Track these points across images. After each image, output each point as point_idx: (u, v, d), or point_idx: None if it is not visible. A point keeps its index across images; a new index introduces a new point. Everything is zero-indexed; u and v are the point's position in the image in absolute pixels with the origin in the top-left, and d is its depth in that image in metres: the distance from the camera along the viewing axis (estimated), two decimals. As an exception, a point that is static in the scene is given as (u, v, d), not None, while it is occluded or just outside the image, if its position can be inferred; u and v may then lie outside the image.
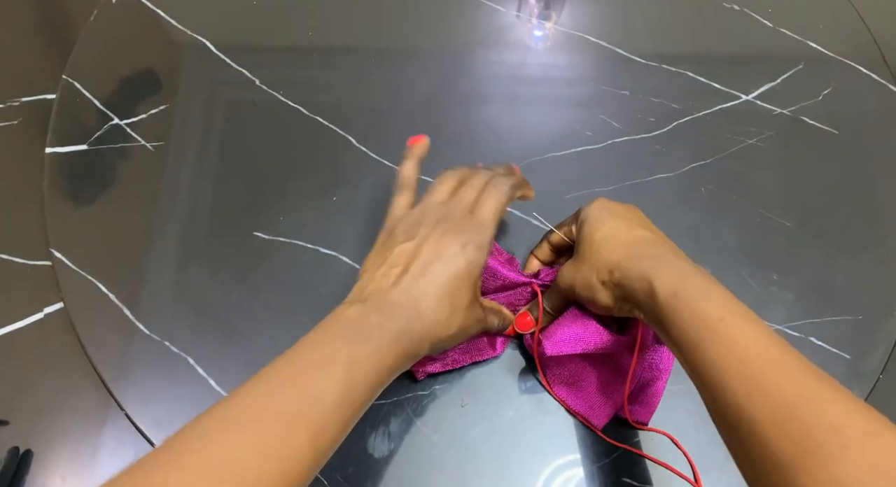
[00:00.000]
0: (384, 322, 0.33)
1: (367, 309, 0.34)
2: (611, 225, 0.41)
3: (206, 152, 0.55)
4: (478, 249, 0.37)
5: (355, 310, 0.34)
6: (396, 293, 0.35)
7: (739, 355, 0.31)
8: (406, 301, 0.34)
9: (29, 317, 0.49)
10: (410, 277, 0.35)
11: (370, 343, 0.32)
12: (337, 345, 0.33)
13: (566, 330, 0.43)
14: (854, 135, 0.57)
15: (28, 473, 0.44)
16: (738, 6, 0.63)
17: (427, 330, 0.35)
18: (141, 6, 0.61)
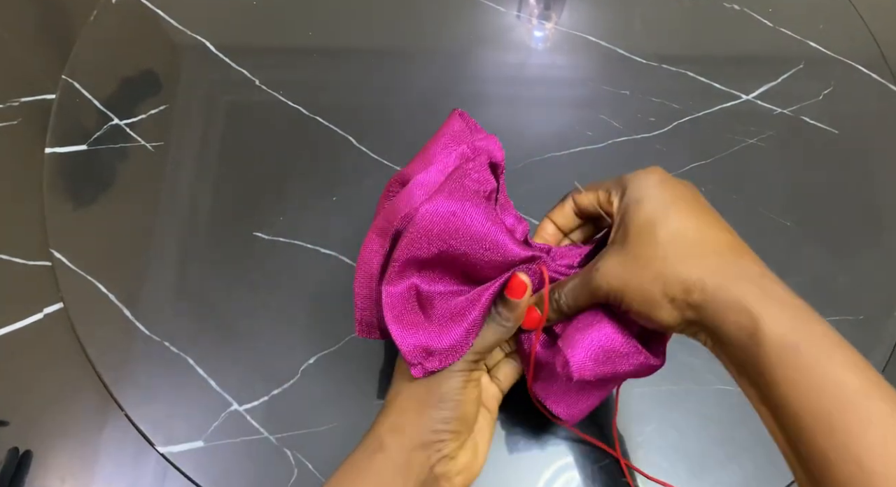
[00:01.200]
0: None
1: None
2: (681, 217, 0.32)
3: (206, 152, 0.55)
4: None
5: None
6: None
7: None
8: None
9: (28, 318, 0.49)
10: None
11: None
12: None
13: (595, 343, 0.34)
14: (854, 135, 0.57)
15: (27, 473, 0.44)
16: (738, 6, 0.63)
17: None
18: (141, 6, 0.61)
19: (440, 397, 0.34)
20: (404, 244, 0.33)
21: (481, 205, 0.34)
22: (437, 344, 0.34)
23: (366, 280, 0.36)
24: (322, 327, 0.48)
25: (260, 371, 0.47)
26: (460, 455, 0.35)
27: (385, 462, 0.33)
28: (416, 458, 0.33)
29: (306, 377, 0.47)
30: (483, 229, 0.33)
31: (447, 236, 0.33)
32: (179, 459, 0.44)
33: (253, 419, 0.46)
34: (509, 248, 0.34)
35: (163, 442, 0.45)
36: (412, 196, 0.35)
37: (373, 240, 0.36)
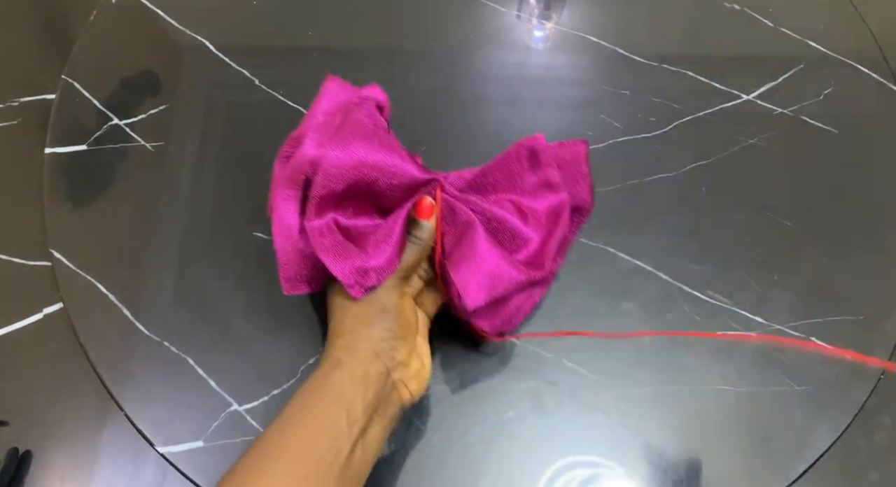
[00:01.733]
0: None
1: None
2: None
3: (206, 152, 0.55)
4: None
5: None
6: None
7: None
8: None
9: (28, 318, 0.49)
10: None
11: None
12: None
13: (482, 270, 0.39)
14: (855, 135, 0.57)
15: (27, 474, 0.44)
16: (738, 6, 0.63)
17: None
18: (141, 6, 0.61)
19: (381, 309, 0.38)
20: (319, 182, 0.37)
21: (381, 136, 0.38)
22: (369, 263, 0.37)
23: (285, 232, 0.39)
24: (322, 327, 0.48)
25: (260, 371, 0.47)
26: (411, 363, 0.39)
27: (343, 376, 0.36)
28: (372, 367, 0.36)
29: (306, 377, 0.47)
30: (388, 156, 0.38)
31: (358, 167, 0.37)
32: (179, 459, 0.44)
33: (253, 419, 0.46)
34: (412, 171, 0.39)
35: (163, 442, 0.45)
36: (309, 143, 0.38)
37: (284, 194, 0.39)
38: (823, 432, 0.46)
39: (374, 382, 0.36)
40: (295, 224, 0.39)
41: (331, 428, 0.34)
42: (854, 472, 0.46)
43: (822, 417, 0.47)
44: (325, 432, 0.34)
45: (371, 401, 0.35)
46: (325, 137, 0.38)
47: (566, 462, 0.45)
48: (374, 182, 0.38)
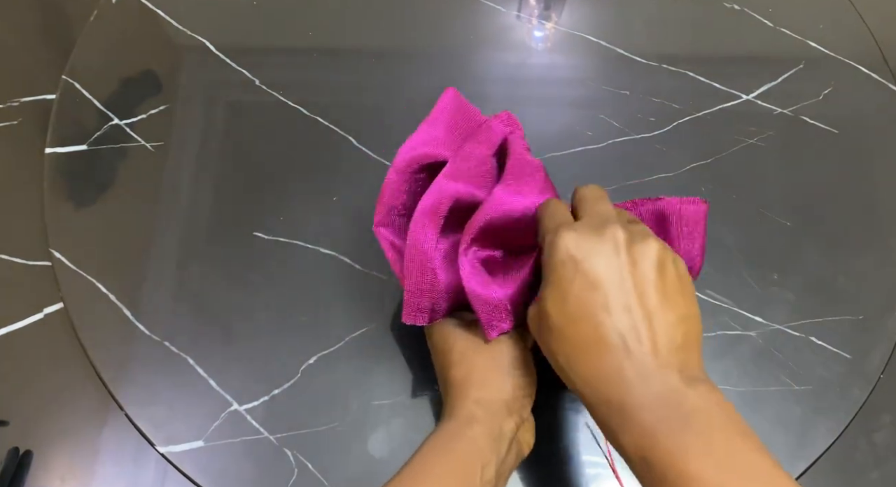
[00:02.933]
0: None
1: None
2: (570, 303, 0.28)
3: (205, 152, 0.55)
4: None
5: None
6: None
7: None
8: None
9: (28, 318, 0.49)
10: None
11: None
12: None
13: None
14: (854, 135, 0.57)
15: (28, 474, 0.44)
16: (738, 6, 0.63)
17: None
18: (141, 6, 0.61)
19: (512, 361, 0.35)
20: (481, 217, 0.35)
21: (542, 182, 0.38)
22: (508, 305, 0.36)
23: (420, 259, 0.36)
24: (322, 327, 0.48)
25: (260, 371, 0.47)
26: (527, 421, 0.38)
27: (482, 433, 0.33)
28: (507, 425, 0.34)
29: (306, 377, 0.47)
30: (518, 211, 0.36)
31: (513, 219, 0.36)
32: (179, 459, 0.44)
33: (253, 419, 0.46)
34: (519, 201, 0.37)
35: (163, 442, 0.45)
36: (448, 173, 0.37)
37: (423, 222, 0.36)
38: (823, 432, 0.46)
39: (507, 439, 0.34)
40: (432, 252, 0.36)
41: (466, 484, 0.32)
42: (854, 472, 0.46)
43: (822, 417, 0.47)
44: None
45: (503, 459, 0.34)
46: (461, 166, 0.38)
47: (567, 463, 0.45)
48: (516, 227, 0.37)
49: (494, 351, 0.36)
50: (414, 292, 0.37)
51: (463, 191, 0.37)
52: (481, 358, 0.36)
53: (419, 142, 0.38)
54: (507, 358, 0.36)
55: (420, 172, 0.39)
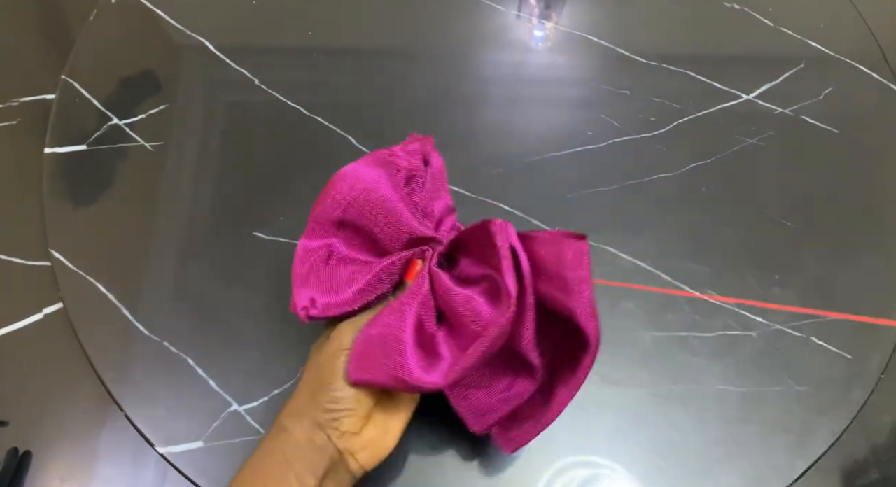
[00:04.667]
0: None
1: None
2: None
3: (205, 152, 0.55)
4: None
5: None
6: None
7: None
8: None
9: (28, 318, 0.49)
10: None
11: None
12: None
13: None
14: (855, 135, 0.57)
15: (27, 474, 0.44)
16: (738, 5, 0.63)
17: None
18: (141, 6, 0.61)
19: (329, 377, 0.36)
20: (318, 202, 0.37)
21: (392, 178, 0.37)
22: (324, 298, 0.37)
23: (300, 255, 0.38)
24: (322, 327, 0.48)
25: (260, 371, 0.47)
26: (365, 431, 0.37)
27: (288, 441, 0.35)
28: (317, 436, 0.35)
29: (306, 377, 0.47)
30: (385, 198, 0.36)
31: (354, 198, 0.36)
32: (179, 459, 0.44)
33: (253, 419, 0.46)
34: (405, 221, 0.37)
35: (162, 443, 0.45)
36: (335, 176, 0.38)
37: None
38: (824, 432, 0.46)
39: (320, 449, 0.35)
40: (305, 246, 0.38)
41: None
42: (854, 472, 0.46)
43: (823, 417, 0.47)
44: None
45: (319, 465, 0.35)
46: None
47: (566, 462, 0.45)
48: (369, 221, 0.37)
49: (316, 366, 0.37)
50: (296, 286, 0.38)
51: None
52: (309, 371, 0.37)
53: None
54: (325, 374, 0.36)
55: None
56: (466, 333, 0.35)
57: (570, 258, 0.33)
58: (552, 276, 0.34)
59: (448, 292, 0.35)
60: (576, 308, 0.33)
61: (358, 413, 0.36)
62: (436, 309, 0.37)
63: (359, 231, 0.38)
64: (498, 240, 0.33)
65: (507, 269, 0.33)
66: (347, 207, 0.37)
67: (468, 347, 0.33)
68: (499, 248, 0.33)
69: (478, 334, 0.33)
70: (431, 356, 0.35)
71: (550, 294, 0.34)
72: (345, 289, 0.37)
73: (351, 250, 0.39)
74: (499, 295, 0.34)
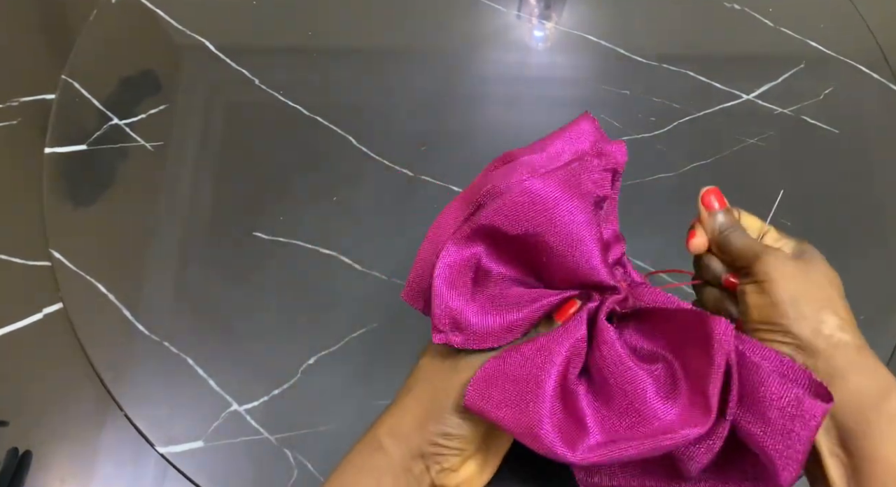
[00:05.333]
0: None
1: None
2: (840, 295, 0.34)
3: (205, 152, 0.55)
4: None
5: None
6: None
7: None
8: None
9: (28, 318, 0.49)
10: None
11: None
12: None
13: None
14: (855, 135, 0.57)
15: (27, 474, 0.44)
16: (738, 6, 0.63)
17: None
18: (141, 6, 0.61)
19: (445, 410, 0.32)
20: (491, 211, 0.31)
21: (586, 206, 0.31)
22: (471, 320, 0.31)
23: (433, 244, 0.33)
24: (322, 327, 0.48)
25: (260, 371, 0.47)
26: (463, 469, 0.34)
27: (386, 465, 0.32)
28: (415, 466, 0.32)
29: (306, 377, 0.47)
30: (578, 230, 0.31)
31: (539, 220, 0.31)
32: (179, 459, 0.44)
33: (253, 419, 0.46)
34: (593, 261, 0.31)
35: (163, 442, 0.45)
36: (512, 171, 0.32)
37: (454, 207, 0.33)
38: (823, 432, 0.46)
39: (416, 479, 0.32)
40: (445, 240, 0.32)
41: None
42: (854, 472, 0.46)
43: (823, 417, 0.47)
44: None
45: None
46: (529, 169, 0.32)
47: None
48: (545, 248, 0.31)
49: (440, 388, 0.33)
50: (416, 271, 0.33)
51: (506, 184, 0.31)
52: (424, 387, 0.33)
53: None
54: (443, 405, 0.32)
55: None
56: (617, 407, 0.30)
57: (796, 411, 0.29)
58: (764, 415, 0.29)
59: (613, 356, 0.31)
60: (778, 457, 0.29)
61: (464, 454, 0.33)
62: (584, 362, 0.32)
63: (519, 251, 0.33)
64: (716, 344, 0.29)
65: (716, 385, 0.29)
66: (524, 229, 0.31)
67: (616, 424, 0.30)
68: (715, 356, 0.29)
69: (632, 417, 0.30)
70: (571, 417, 0.30)
71: (750, 427, 0.30)
72: (502, 313, 0.31)
73: (501, 266, 0.33)
74: (673, 387, 0.30)
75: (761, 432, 0.29)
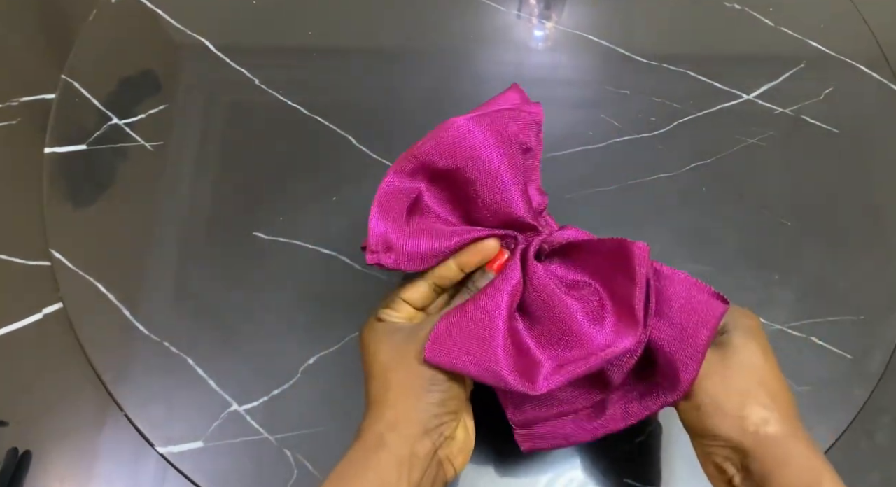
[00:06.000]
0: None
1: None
2: (774, 366, 0.36)
3: (205, 152, 0.55)
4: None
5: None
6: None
7: None
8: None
9: (28, 318, 0.49)
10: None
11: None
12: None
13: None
14: (855, 135, 0.57)
15: (27, 474, 0.44)
16: (739, 5, 0.63)
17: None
18: (141, 6, 0.61)
19: (430, 379, 0.33)
20: (428, 146, 0.33)
21: (509, 147, 0.34)
22: (401, 243, 0.34)
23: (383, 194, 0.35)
24: (322, 327, 0.48)
25: (260, 371, 0.47)
26: (457, 434, 0.35)
27: (388, 458, 0.32)
28: (420, 448, 0.33)
29: (306, 377, 0.47)
30: (500, 165, 0.33)
31: (466, 153, 0.33)
32: (179, 459, 0.44)
33: (253, 419, 0.46)
34: (513, 196, 0.33)
35: (162, 443, 0.45)
36: (445, 124, 0.34)
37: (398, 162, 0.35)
38: (823, 432, 0.46)
39: (421, 462, 0.33)
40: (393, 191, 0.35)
41: None
42: (854, 472, 0.46)
43: (822, 417, 0.47)
44: None
45: (416, 483, 0.32)
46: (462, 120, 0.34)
47: (567, 463, 0.45)
48: (474, 185, 0.34)
49: (413, 367, 0.34)
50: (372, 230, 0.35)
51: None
52: (399, 374, 0.34)
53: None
54: (426, 374, 0.33)
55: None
56: (553, 336, 0.33)
57: (698, 310, 0.33)
58: (671, 318, 0.33)
59: (545, 290, 0.33)
60: (680, 356, 0.33)
61: (459, 416, 0.35)
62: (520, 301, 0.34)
63: (452, 190, 0.35)
64: (637, 264, 0.32)
65: (640, 299, 0.32)
66: (454, 162, 0.33)
67: (555, 351, 0.33)
68: (636, 274, 0.32)
69: (569, 339, 0.33)
70: (521, 353, 0.33)
71: (658, 333, 0.33)
72: (428, 241, 0.34)
73: (437, 205, 0.36)
74: (600, 311, 0.33)
75: (665, 335, 0.33)
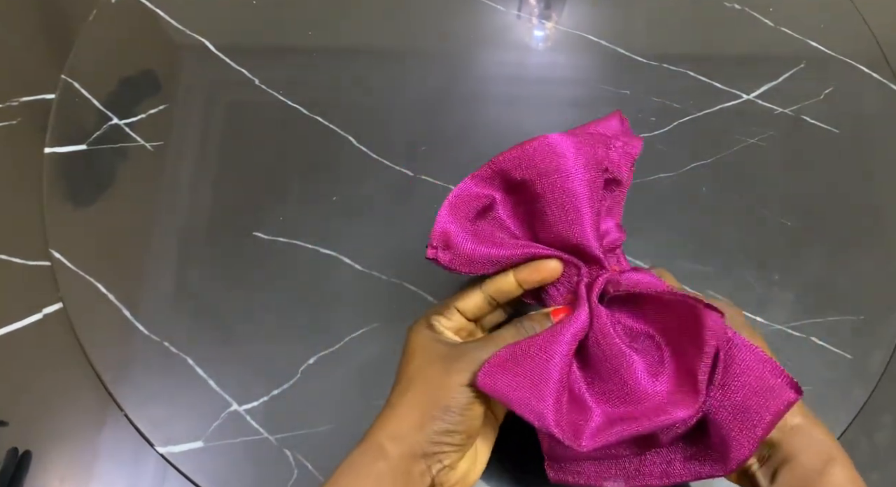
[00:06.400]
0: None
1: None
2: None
3: (205, 152, 0.55)
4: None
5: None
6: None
7: None
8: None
9: (28, 318, 0.49)
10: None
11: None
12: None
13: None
14: (855, 135, 0.57)
15: (27, 474, 0.44)
16: (738, 5, 0.63)
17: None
18: (140, 6, 0.61)
19: (445, 408, 0.33)
20: (508, 154, 0.33)
21: (592, 170, 0.33)
22: (461, 243, 0.33)
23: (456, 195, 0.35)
24: (322, 327, 0.48)
25: (260, 371, 0.47)
26: (460, 465, 0.35)
27: (386, 469, 0.32)
28: (416, 468, 0.33)
29: (306, 377, 0.47)
30: (578, 186, 0.32)
31: (544, 165, 0.33)
32: (179, 459, 0.44)
33: (253, 419, 0.46)
34: (584, 221, 0.33)
35: (162, 443, 0.45)
36: (537, 136, 0.34)
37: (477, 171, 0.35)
38: (824, 432, 0.46)
39: (415, 481, 0.33)
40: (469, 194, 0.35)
41: None
42: (854, 472, 0.46)
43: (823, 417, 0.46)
44: None
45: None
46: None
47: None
48: (545, 202, 0.33)
49: (437, 387, 0.33)
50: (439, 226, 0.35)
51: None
52: (418, 389, 0.34)
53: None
54: (442, 402, 0.33)
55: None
56: (608, 387, 0.32)
57: (766, 394, 0.31)
58: (734, 395, 0.31)
59: (607, 340, 0.32)
60: (736, 435, 0.31)
61: (464, 449, 0.34)
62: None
63: (524, 205, 0.35)
64: (707, 336, 0.30)
65: (704, 372, 0.30)
66: (529, 174, 0.33)
67: (609, 404, 0.32)
68: (705, 345, 0.30)
69: (622, 397, 0.32)
70: (573, 399, 0.32)
71: (718, 406, 0.31)
72: (488, 246, 0.33)
73: (507, 216, 0.36)
74: (659, 365, 0.32)
75: (726, 411, 0.31)
